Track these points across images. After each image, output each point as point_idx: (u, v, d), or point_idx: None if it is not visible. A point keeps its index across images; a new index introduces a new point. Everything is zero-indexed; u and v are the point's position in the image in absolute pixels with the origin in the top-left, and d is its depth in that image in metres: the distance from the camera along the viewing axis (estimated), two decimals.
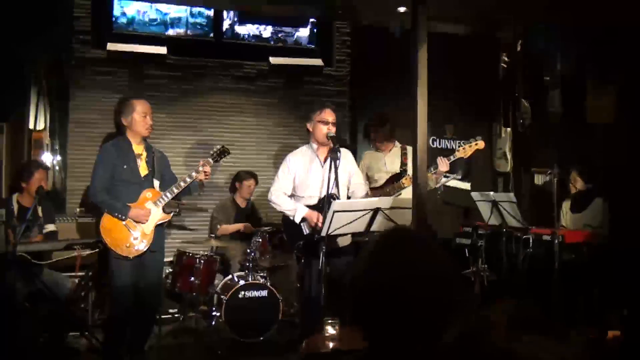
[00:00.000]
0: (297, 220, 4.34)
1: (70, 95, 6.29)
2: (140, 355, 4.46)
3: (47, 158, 6.05)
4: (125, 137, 4.45)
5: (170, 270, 5.47)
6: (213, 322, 5.10)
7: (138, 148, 4.46)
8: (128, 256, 4.22)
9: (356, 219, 3.84)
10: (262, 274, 5.31)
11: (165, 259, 4.81)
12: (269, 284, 5.19)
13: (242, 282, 5.09)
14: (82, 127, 6.28)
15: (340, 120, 5.43)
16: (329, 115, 4.51)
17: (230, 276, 5.34)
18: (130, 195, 4.32)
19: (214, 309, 5.16)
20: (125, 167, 4.34)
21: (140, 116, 4.40)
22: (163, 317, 5.50)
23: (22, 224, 4.49)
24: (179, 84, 6.61)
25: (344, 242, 4.53)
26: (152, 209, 4.34)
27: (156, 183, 4.47)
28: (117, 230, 4.24)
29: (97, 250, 4.63)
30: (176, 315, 5.74)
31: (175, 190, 4.41)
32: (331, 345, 2.87)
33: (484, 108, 7.20)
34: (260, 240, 5.34)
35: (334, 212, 3.73)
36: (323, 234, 3.86)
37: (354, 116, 7.08)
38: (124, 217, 4.23)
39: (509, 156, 6.94)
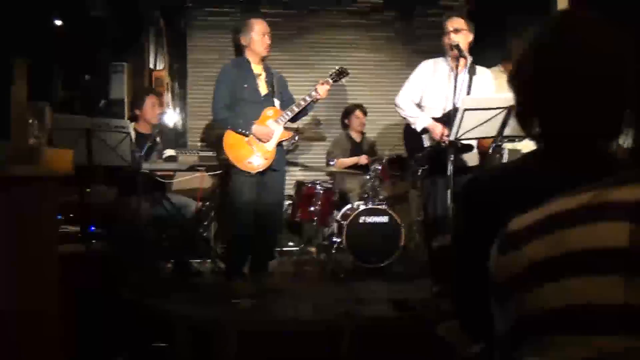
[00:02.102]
0: (418, 129, 4.13)
1: (188, 36, 6.40)
2: (263, 275, 4.46)
3: (168, 98, 6.18)
4: (244, 57, 4.46)
5: (290, 202, 5.46)
6: (333, 250, 5.01)
7: (257, 68, 4.45)
8: (250, 172, 4.21)
9: (487, 120, 3.56)
10: (382, 202, 5.16)
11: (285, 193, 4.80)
12: (390, 210, 5.02)
13: (362, 207, 4.97)
14: (200, 67, 6.38)
15: None
16: (450, 24, 4.26)
17: (349, 205, 5.24)
18: (251, 114, 4.31)
19: (333, 238, 5.07)
20: (245, 86, 4.34)
21: (258, 35, 4.39)
22: (283, 249, 5.54)
23: (141, 149, 4.61)
24: (294, 21, 6.56)
25: (471, 160, 4.27)
26: (273, 127, 4.30)
27: (276, 102, 4.45)
28: (240, 146, 4.23)
29: (219, 172, 4.66)
30: (296, 248, 5.70)
31: (296, 109, 4.37)
32: None
33: None
34: (380, 167, 5.18)
35: (465, 110, 3.48)
36: (452, 137, 3.63)
37: (472, 50, 6.71)
38: (247, 132, 4.21)
39: None
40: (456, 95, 3.90)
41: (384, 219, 4.96)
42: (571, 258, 0.70)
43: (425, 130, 4.15)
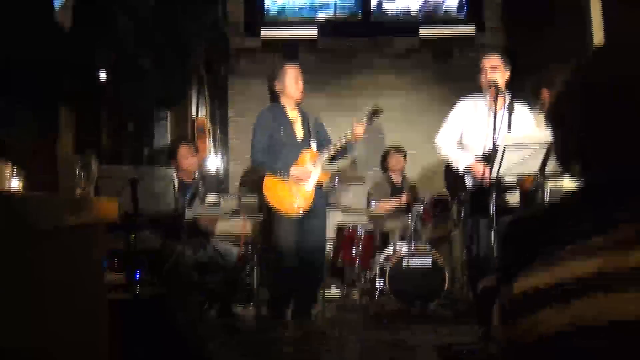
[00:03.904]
0: (461, 169, 4.09)
1: (229, 83, 6.56)
2: (306, 320, 4.43)
3: (209, 144, 6.31)
4: (279, 103, 4.54)
5: (331, 246, 5.44)
6: (376, 295, 4.95)
7: (292, 113, 4.54)
8: (291, 215, 4.24)
9: (529, 157, 3.53)
10: (425, 244, 5.11)
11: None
12: (433, 252, 4.96)
13: (405, 250, 4.92)
14: (240, 113, 6.52)
15: None
16: (485, 62, 4.26)
17: (391, 248, 5.19)
18: (289, 157, 4.37)
19: (376, 281, 5.02)
20: (281, 131, 4.42)
21: (292, 80, 4.50)
22: (326, 293, 5.49)
23: (183, 197, 4.69)
24: (331, 65, 6.69)
25: (513, 200, 4.20)
26: (311, 169, 4.34)
27: (313, 145, 4.50)
28: (279, 190, 4.27)
29: (261, 216, 4.69)
30: (338, 293, 5.66)
31: (332, 150, 4.41)
32: None
33: None
34: (422, 209, 5.14)
35: (505, 147, 3.45)
36: (493, 176, 3.60)
37: (511, 86, 6.69)
38: (285, 175, 4.26)
39: None
40: (496, 133, 3.87)
41: (427, 261, 4.89)
42: (588, 332, 0.66)
43: (467, 170, 4.12)
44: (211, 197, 4.92)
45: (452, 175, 4.21)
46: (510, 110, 3.98)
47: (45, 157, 4.56)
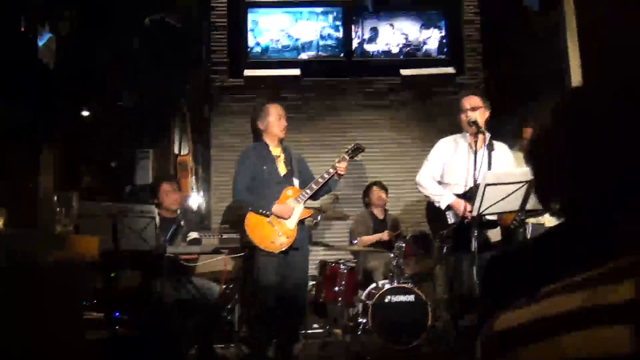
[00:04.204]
0: (443, 206, 4.13)
1: (211, 121, 6.58)
2: (289, 356, 4.37)
3: (192, 181, 6.30)
4: (263, 141, 4.56)
5: (314, 282, 5.41)
6: (359, 332, 4.91)
7: (275, 150, 4.56)
8: (273, 252, 4.22)
9: (509, 195, 3.56)
10: (407, 280, 5.09)
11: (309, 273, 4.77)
12: (415, 288, 4.95)
13: (387, 286, 4.90)
14: (223, 151, 6.51)
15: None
16: (465, 102, 4.35)
17: (374, 284, 5.17)
18: (272, 195, 4.37)
19: (359, 318, 4.99)
20: (265, 168, 4.43)
21: (275, 119, 4.53)
22: (308, 332, 5.44)
23: (165, 235, 4.66)
24: (314, 104, 6.76)
25: (495, 236, 4.24)
26: (294, 205, 4.34)
27: (296, 182, 4.51)
28: (262, 227, 4.26)
29: (243, 254, 4.66)
30: (321, 331, 5.61)
31: (315, 187, 4.42)
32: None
33: None
34: (404, 245, 5.14)
35: (486, 185, 3.49)
36: (475, 213, 3.62)
37: (490, 125, 6.80)
38: (268, 213, 4.25)
39: None
40: (477, 171, 3.92)
41: (410, 297, 4.88)
42: None
43: (449, 208, 4.15)
44: (193, 235, 4.90)
45: (434, 212, 4.24)
46: (490, 148, 4.05)
47: (25, 194, 4.53)
